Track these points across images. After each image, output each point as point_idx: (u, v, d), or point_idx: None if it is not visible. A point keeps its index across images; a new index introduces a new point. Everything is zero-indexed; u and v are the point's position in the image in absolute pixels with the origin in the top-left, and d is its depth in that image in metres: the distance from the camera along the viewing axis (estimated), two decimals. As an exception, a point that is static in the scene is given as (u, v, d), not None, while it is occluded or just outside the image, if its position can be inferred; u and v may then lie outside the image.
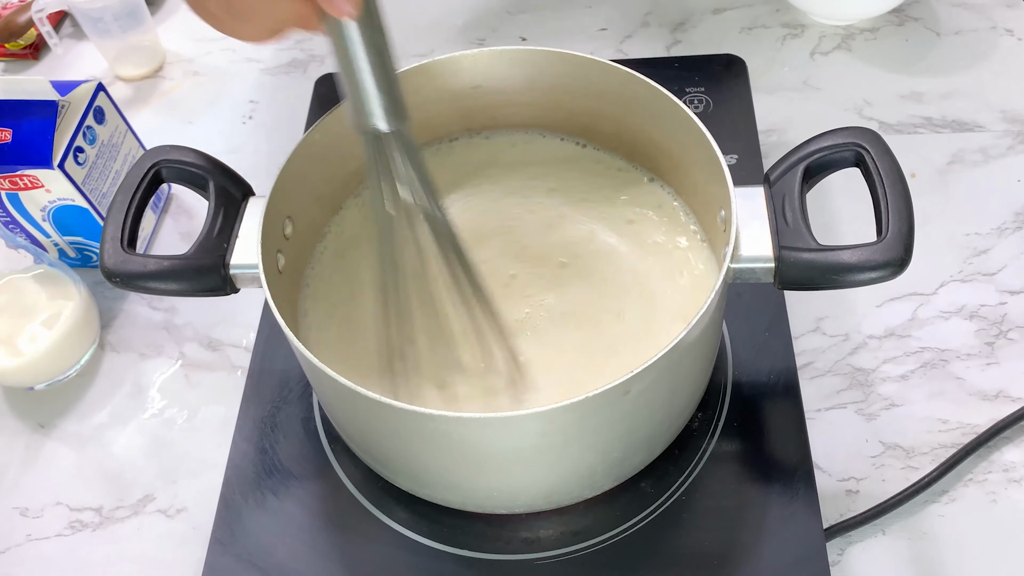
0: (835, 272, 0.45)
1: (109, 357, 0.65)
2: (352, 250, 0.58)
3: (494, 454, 0.46)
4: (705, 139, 0.50)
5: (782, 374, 0.57)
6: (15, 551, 0.57)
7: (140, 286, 0.49)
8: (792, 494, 0.52)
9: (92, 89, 0.65)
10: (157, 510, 0.57)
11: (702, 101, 0.72)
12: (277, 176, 0.51)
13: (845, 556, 0.52)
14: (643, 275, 0.55)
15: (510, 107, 0.59)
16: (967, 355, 0.58)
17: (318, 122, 0.53)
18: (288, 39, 0.85)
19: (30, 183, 0.62)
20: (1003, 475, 0.54)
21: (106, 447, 0.61)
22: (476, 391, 0.51)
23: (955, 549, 0.51)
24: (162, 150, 0.53)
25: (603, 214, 0.58)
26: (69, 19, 0.90)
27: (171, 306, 0.67)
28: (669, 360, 0.43)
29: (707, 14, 0.82)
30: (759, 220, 0.48)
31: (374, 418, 0.47)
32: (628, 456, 0.51)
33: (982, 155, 0.68)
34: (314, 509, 0.55)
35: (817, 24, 0.79)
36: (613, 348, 0.52)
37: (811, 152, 0.48)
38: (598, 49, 0.80)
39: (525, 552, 0.52)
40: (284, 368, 0.60)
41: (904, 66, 0.75)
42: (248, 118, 0.79)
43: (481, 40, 0.82)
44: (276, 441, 0.57)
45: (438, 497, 0.53)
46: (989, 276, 0.62)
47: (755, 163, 0.66)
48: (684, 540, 0.51)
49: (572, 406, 0.41)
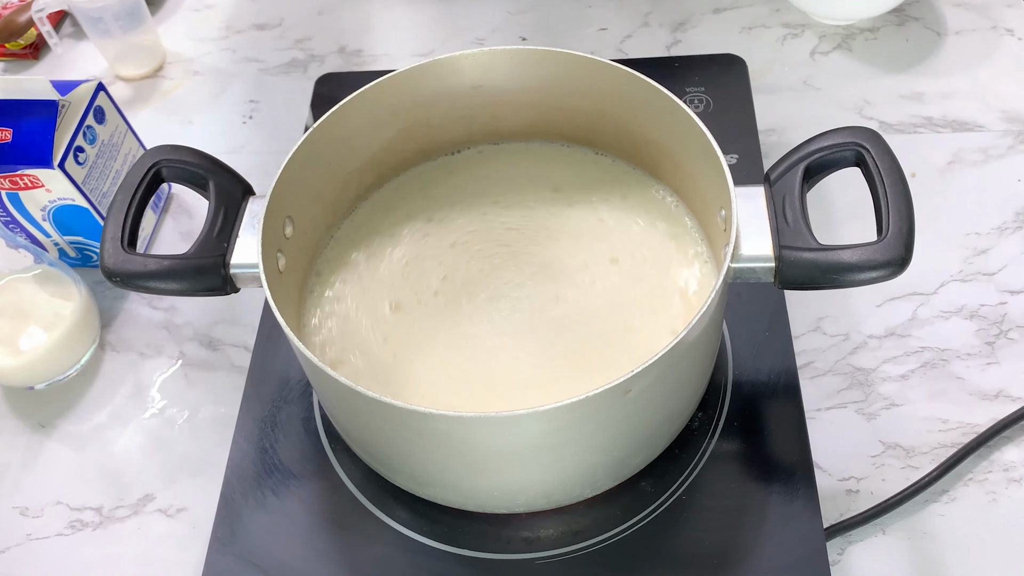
0: (835, 272, 0.45)
1: (109, 357, 0.65)
2: (359, 251, 0.58)
3: (494, 454, 0.46)
4: (705, 139, 0.50)
5: (782, 374, 0.57)
6: (15, 551, 0.57)
7: (140, 286, 0.49)
8: (792, 494, 0.52)
9: (92, 89, 0.65)
10: (157, 510, 0.57)
11: (702, 101, 0.72)
12: (277, 176, 0.51)
13: (845, 556, 0.52)
14: (643, 275, 0.55)
15: (510, 107, 0.59)
16: (967, 355, 0.58)
17: (318, 122, 0.53)
18: (288, 39, 0.85)
19: (30, 183, 0.62)
20: (1003, 475, 0.54)
21: (106, 447, 0.61)
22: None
23: (955, 549, 0.51)
24: (162, 150, 0.53)
25: (602, 215, 0.58)
26: (69, 19, 0.90)
27: (171, 306, 0.67)
28: (669, 360, 0.43)
29: (707, 14, 0.82)
30: (759, 220, 0.48)
31: (374, 418, 0.47)
32: (628, 456, 0.51)
33: (982, 155, 0.69)
34: (314, 509, 0.54)
35: (817, 24, 0.79)
36: (613, 348, 0.52)
37: (811, 152, 0.48)
38: (598, 49, 0.80)
39: (525, 552, 0.52)
40: (284, 368, 0.60)
41: (904, 66, 0.75)
42: (248, 118, 0.79)
43: (481, 40, 0.82)
44: (276, 441, 0.57)
45: (438, 497, 0.53)
46: (989, 276, 0.62)
47: (755, 163, 0.66)
48: (684, 540, 0.51)
49: (572, 406, 0.41)
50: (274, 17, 0.88)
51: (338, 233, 0.59)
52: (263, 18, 0.88)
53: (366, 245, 0.59)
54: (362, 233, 0.59)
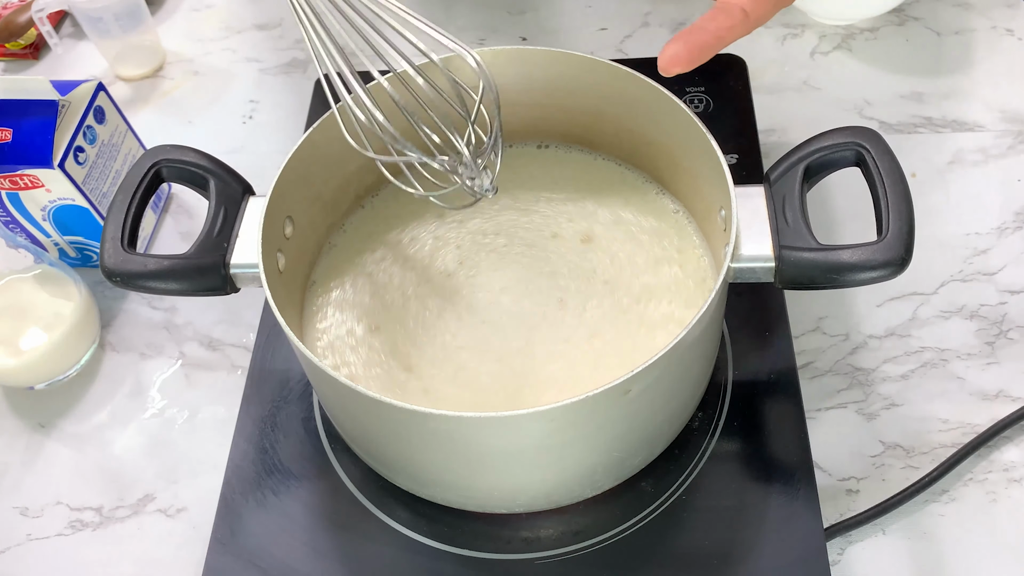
0: (835, 271, 0.45)
1: (109, 357, 0.65)
2: (361, 251, 0.58)
3: (494, 454, 0.46)
4: (705, 139, 0.50)
5: (782, 374, 0.57)
6: (15, 551, 0.57)
7: (140, 286, 0.50)
8: (792, 494, 0.52)
9: (92, 89, 0.65)
10: (157, 510, 0.57)
11: (702, 101, 0.72)
12: (277, 176, 0.51)
13: (845, 556, 0.52)
14: (643, 276, 0.55)
15: (510, 107, 0.59)
16: (967, 355, 0.58)
17: (318, 122, 0.53)
18: (288, 39, 0.85)
19: (30, 183, 0.62)
20: (1003, 475, 0.54)
21: (106, 447, 0.61)
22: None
23: (955, 549, 0.51)
24: (162, 149, 0.53)
25: (602, 215, 0.58)
26: (69, 19, 0.90)
27: (171, 306, 0.67)
28: (669, 360, 0.43)
29: (707, 14, 0.82)
30: (759, 220, 0.48)
31: (374, 418, 0.47)
32: (628, 456, 0.51)
33: (982, 155, 0.68)
34: (314, 509, 0.54)
35: (817, 24, 0.79)
36: (613, 348, 0.52)
37: (811, 152, 0.48)
38: (598, 49, 0.80)
39: (525, 552, 0.52)
40: (284, 368, 0.60)
41: (904, 66, 0.75)
42: (248, 118, 0.79)
43: (481, 40, 0.82)
44: (276, 441, 0.57)
45: (438, 497, 0.53)
46: (989, 276, 0.62)
47: (755, 163, 0.66)
48: (684, 540, 0.51)
49: (572, 406, 0.41)
50: (274, 17, 0.88)
51: (339, 233, 0.59)
52: (263, 18, 0.88)
53: (366, 246, 0.59)
54: (362, 233, 0.59)
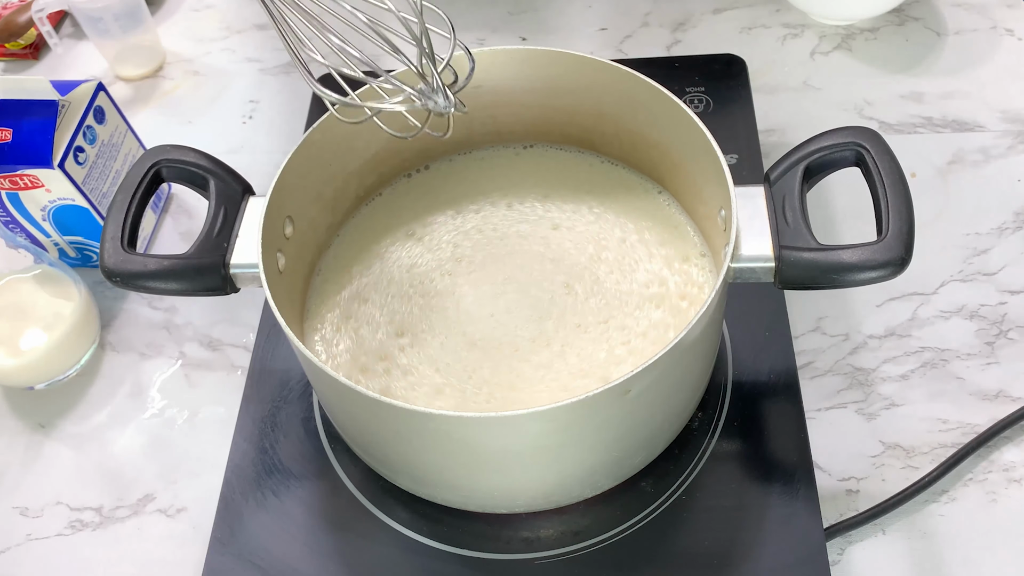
0: (835, 271, 0.45)
1: (109, 357, 0.65)
2: (361, 251, 0.58)
3: (494, 454, 0.46)
4: (705, 139, 0.50)
5: (782, 374, 0.57)
6: (15, 551, 0.57)
7: (140, 286, 0.50)
8: (792, 494, 0.52)
9: (92, 89, 0.65)
10: (157, 510, 0.57)
11: (702, 101, 0.72)
12: (277, 176, 0.51)
13: (845, 556, 0.52)
14: (643, 276, 0.55)
15: (510, 107, 0.59)
16: (967, 355, 0.58)
17: (318, 122, 0.53)
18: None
19: (30, 183, 0.62)
20: (1003, 475, 0.54)
21: (106, 447, 0.61)
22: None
23: (955, 549, 0.51)
24: (162, 149, 0.53)
25: (602, 215, 0.58)
26: (69, 19, 0.90)
27: (171, 306, 0.67)
28: (669, 360, 0.43)
29: (707, 14, 0.82)
30: (759, 220, 0.48)
31: (374, 418, 0.47)
32: (628, 456, 0.51)
33: (982, 155, 0.68)
34: (314, 509, 0.54)
35: (817, 24, 0.79)
36: (612, 349, 0.52)
37: (811, 152, 0.49)
38: (598, 49, 0.80)
39: (525, 552, 0.52)
40: (284, 368, 0.60)
41: (904, 66, 0.75)
42: (248, 118, 0.79)
43: (481, 40, 0.82)
44: (276, 441, 0.57)
45: (438, 497, 0.53)
46: (989, 276, 0.62)
47: (755, 163, 0.66)
48: (684, 540, 0.51)
49: (572, 406, 0.41)
50: (274, 17, 0.88)
51: (339, 233, 0.59)
52: (263, 18, 0.88)
53: (366, 245, 0.59)
54: (362, 233, 0.59)
